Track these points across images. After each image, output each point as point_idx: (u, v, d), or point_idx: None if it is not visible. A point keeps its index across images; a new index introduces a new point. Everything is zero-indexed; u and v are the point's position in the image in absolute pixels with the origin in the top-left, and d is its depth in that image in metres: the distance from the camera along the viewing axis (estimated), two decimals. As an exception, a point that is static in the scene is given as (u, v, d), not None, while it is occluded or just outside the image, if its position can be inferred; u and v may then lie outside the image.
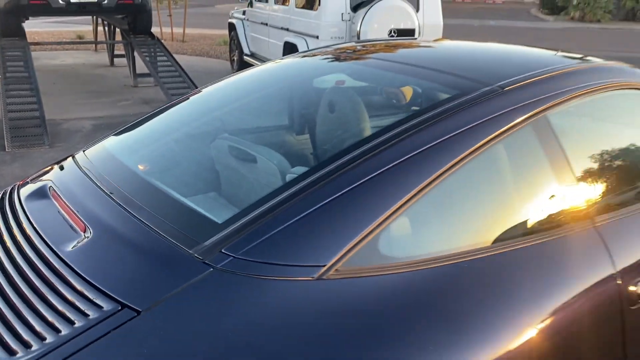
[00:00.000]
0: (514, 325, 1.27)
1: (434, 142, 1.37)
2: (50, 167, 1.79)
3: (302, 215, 1.21)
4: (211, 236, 1.20)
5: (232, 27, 8.97)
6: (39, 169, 1.83)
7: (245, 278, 1.12)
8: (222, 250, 1.16)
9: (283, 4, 7.13)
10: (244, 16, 8.58)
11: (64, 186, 1.57)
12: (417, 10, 6.39)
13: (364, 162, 1.32)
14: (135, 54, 7.59)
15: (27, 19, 7.61)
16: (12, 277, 1.23)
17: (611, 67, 1.87)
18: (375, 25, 5.97)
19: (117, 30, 8.64)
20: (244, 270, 1.13)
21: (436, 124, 1.43)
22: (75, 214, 1.38)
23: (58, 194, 1.51)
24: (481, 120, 1.43)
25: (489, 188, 1.47)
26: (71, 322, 1.07)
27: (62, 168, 1.74)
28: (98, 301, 1.10)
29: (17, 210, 1.51)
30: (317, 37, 6.18)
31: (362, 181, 1.27)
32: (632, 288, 1.54)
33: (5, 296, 1.18)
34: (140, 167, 1.63)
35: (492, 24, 26.22)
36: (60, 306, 1.11)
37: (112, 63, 9.39)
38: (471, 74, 1.67)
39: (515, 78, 1.59)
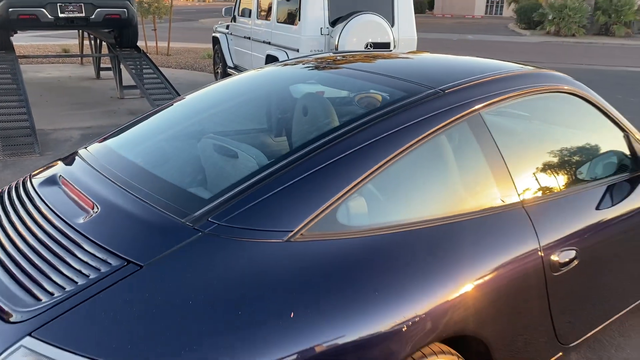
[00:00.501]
0: (452, 282, 1.55)
1: (385, 134, 1.66)
2: (55, 162, 2.05)
3: (274, 191, 1.49)
4: (200, 208, 1.48)
5: (216, 41, 9.25)
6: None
7: (228, 240, 1.39)
8: (209, 219, 1.43)
9: (265, 19, 7.43)
10: (227, 30, 8.87)
11: (71, 174, 1.82)
12: (393, 25, 6.73)
13: (325, 150, 1.60)
14: (122, 66, 7.82)
15: (16, 32, 7.81)
16: (34, 246, 1.49)
17: (541, 73, 2.19)
18: (353, 39, 6.28)
19: (104, 43, 8.87)
20: (227, 234, 1.40)
21: (387, 119, 1.72)
22: (83, 194, 1.64)
23: (67, 181, 1.77)
24: (424, 117, 1.73)
25: (431, 172, 1.76)
26: (86, 275, 1.33)
27: (66, 161, 2.00)
28: (108, 259, 1.36)
29: (31, 194, 1.76)
30: (298, 50, 6.48)
31: (322, 165, 1.55)
32: (554, 258, 1.84)
33: (30, 259, 1.44)
34: (138, 159, 1.90)
35: (469, 38, 26.77)
36: (76, 264, 1.37)
37: (98, 76, 9.60)
38: (419, 79, 1.97)
39: (455, 82, 1.90)
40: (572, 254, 1.89)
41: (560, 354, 2.08)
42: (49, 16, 6.94)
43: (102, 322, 1.22)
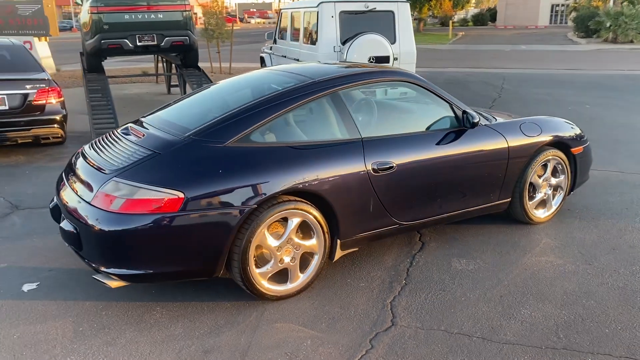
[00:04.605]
0: (309, 169, 3.21)
1: (286, 99, 3.37)
2: (127, 124, 3.89)
3: (218, 126, 3.23)
4: (187, 133, 3.24)
5: (262, 60, 11.18)
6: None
7: (196, 143, 3.14)
8: (189, 136, 3.20)
9: (295, 40, 9.26)
10: (270, 51, 10.77)
11: (133, 125, 3.66)
12: (394, 42, 8.34)
13: (251, 106, 3.34)
14: (187, 83, 9.85)
15: (106, 58, 10.04)
16: (120, 148, 3.32)
17: (386, 70, 3.85)
18: (357, 54, 7.96)
19: (173, 65, 11.00)
20: (199, 142, 3.15)
21: (288, 92, 3.43)
22: (137, 130, 3.47)
23: (132, 126, 3.61)
24: (304, 92, 3.43)
25: (306, 119, 3.45)
26: (139, 157, 3.12)
27: (131, 122, 3.83)
28: (148, 152, 3.14)
29: (116, 132, 3.61)
30: (316, 65, 8.23)
31: (252, 112, 3.28)
32: (369, 167, 3.46)
33: (117, 151, 3.27)
34: (168, 116, 3.70)
35: (523, 48, 27.38)
36: (135, 153, 3.17)
37: (169, 91, 11.76)
38: (311, 75, 3.67)
39: (325, 75, 3.59)
40: (389, 164, 3.50)
41: (397, 226, 3.67)
42: (130, 45, 9.06)
43: (145, 172, 2.99)
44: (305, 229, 3.35)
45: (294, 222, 3.24)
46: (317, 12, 8.22)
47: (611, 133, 7.87)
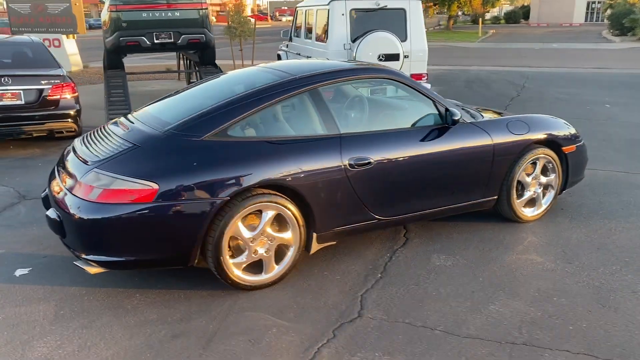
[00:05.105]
0: (284, 164, 3.30)
1: (264, 95, 3.47)
2: (116, 118, 4.04)
3: (201, 119, 3.35)
4: (167, 127, 3.37)
5: (279, 57, 11.32)
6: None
7: (177, 137, 3.26)
8: (169, 129, 3.32)
9: (308, 38, 9.36)
10: (287, 49, 10.89)
11: (122, 120, 3.81)
12: (405, 40, 8.35)
13: (233, 99, 3.44)
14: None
15: (126, 55, 10.32)
16: (104, 140, 3.47)
17: (369, 67, 3.90)
18: (367, 52, 8.00)
19: (192, 62, 11.23)
20: (177, 136, 3.27)
21: (266, 89, 3.53)
22: (124, 124, 3.61)
23: (120, 121, 3.76)
24: (282, 89, 3.52)
25: (286, 114, 3.54)
26: (119, 150, 3.26)
27: (121, 117, 3.98)
28: (129, 145, 3.28)
29: (106, 127, 3.77)
30: (326, 62, 8.30)
31: (230, 108, 3.39)
32: (345, 163, 3.52)
33: (101, 144, 3.42)
34: (154, 112, 3.83)
35: (554, 46, 26.88)
36: (117, 146, 3.32)
37: (188, 88, 12.00)
38: (292, 72, 3.75)
39: (306, 72, 3.67)
40: (367, 160, 3.55)
41: (376, 221, 3.73)
42: (147, 42, 9.29)
43: (123, 163, 3.13)
44: (281, 222, 3.44)
45: (269, 214, 3.33)
46: (328, 10, 8.29)
47: (623, 133, 7.73)
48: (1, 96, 6.53)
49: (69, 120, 6.97)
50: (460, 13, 45.70)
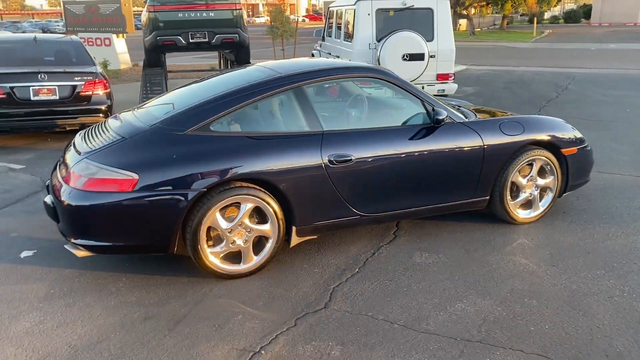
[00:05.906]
0: (266, 159, 3.44)
1: (248, 92, 3.62)
2: (113, 115, 4.28)
3: (186, 114, 3.53)
4: (155, 122, 3.56)
5: (312, 56, 11.48)
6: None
7: (161, 131, 3.45)
8: (155, 124, 3.52)
9: (337, 37, 9.46)
10: (320, 48, 11.03)
11: (120, 115, 4.04)
12: (432, 39, 8.32)
13: (218, 95, 3.61)
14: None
15: (164, 54, 10.73)
16: (100, 134, 3.70)
17: (361, 66, 3.98)
18: (391, 51, 8.04)
19: (229, 61, 11.56)
20: (162, 130, 3.46)
21: (251, 86, 3.67)
22: (120, 119, 3.84)
23: (117, 116, 3.99)
24: (267, 87, 3.66)
25: (270, 111, 3.67)
26: (110, 142, 3.47)
27: (118, 113, 4.22)
28: (118, 137, 3.49)
29: (108, 122, 4.01)
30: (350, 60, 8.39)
31: (214, 104, 3.56)
32: (325, 160, 3.62)
33: (97, 137, 3.66)
34: (152, 107, 4.05)
35: (612, 47, 25.90)
36: (110, 138, 3.54)
37: (226, 86, 12.34)
38: (281, 70, 3.88)
39: (293, 70, 3.79)
40: (347, 157, 3.64)
41: (358, 217, 3.80)
42: (183, 41, 9.65)
43: (110, 154, 3.34)
44: (262, 215, 3.57)
45: (247, 207, 3.47)
46: (354, 10, 8.37)
47: (656, 137, 7.44)
48: (38, 91, 6.96)
49: (100, 115, 7.34)
50: (517, 13, 44.46)
